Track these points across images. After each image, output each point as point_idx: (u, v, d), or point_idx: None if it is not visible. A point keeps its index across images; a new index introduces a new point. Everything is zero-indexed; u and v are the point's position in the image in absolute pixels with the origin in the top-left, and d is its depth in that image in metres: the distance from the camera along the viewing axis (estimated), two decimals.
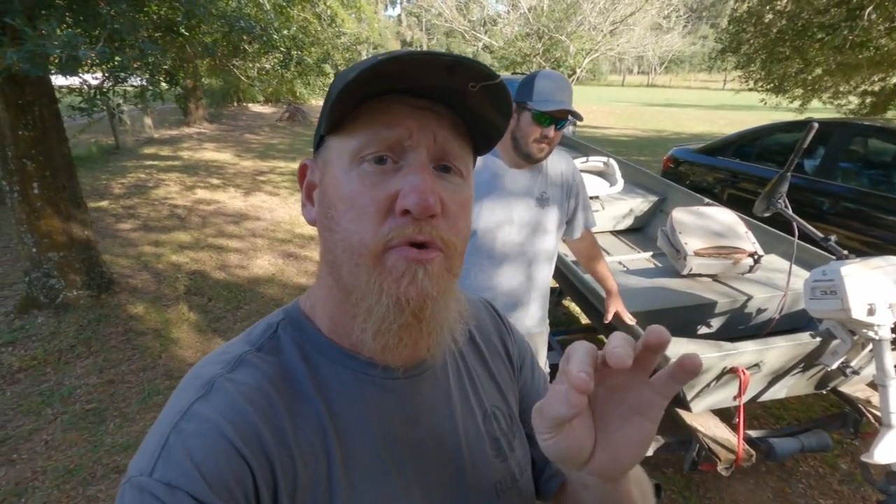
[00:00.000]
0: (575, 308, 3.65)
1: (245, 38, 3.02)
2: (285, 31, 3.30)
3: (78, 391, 2.69)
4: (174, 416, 0.40)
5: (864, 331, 1.65)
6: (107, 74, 2.38)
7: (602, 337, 3.12)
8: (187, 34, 3.07)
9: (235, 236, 5.11)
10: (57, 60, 1.81)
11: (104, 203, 6.05)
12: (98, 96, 2.51)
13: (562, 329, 2.97)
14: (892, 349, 1.75)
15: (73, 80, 2.69)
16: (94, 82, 2.80)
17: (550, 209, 1.52)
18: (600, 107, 21.08)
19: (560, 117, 1.41)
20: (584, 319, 3.49)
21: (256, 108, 18.01)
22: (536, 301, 1.60)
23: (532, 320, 1.61)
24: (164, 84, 2.99)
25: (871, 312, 1.57)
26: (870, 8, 5.11)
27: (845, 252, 1.79)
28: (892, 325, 1.64)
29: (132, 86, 2.92)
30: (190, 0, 2.37)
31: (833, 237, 1.98)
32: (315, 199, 0.46)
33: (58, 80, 3.06)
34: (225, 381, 0.42)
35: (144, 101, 3.22)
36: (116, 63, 2.19)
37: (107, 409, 2.57)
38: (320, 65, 3.90)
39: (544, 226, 1.52)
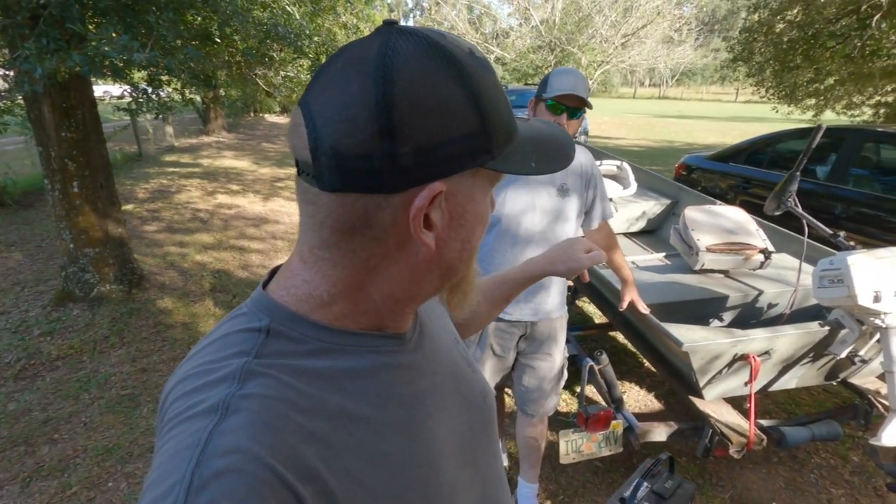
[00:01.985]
0: (589, 308, 3.72)
1: (276, 45, 3.20)
2: (316, 38, 3.48)
3: (113, 378, 2.82)
4: (189, 450, 0.34)
5: (872, 319, 1.72)
6: (150, 78, 2.54)
7: (617, 333, 3.19)
8: (220, 42, 3.24)
9: (256, 238, 5.27)
10: (112, 64, 1.97)
11: (130, 206, 6.25)
12: (143, 99, 2.69)
13: (577, 326, 3.04)
14: None
15: (113, 88, 2.87)
16: (133, 89, 2.99)
17: (571, 198, 1.62)
18: (612, 118, 21.17)
19: (572, 105, 1.51)
20: (598, 319, 3.56)
21: (272, 118, 18.42)
22: (557, 285, 1.70)
23: (552, 304, 1.71)
24: (202, 89, 3.16)
25: (877, 300, 1.64)
26: (877, 16, 5.20)
27: (852, 244, 1.87)
28: None
29: (175, 89, 3.09)
30: (226, 11, 2.55)
31: (842, 233, 2.05)
32: (442, 224, 0.42)
33: (98, 89, 3.26)
34: (240, 399, 0.37)
35: (175, 107, 3.39)
36: (161, 67, 2.35)
37: (140, 395, 2.69)
38: None
39: (565, 214, 1.62)
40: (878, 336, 1.78)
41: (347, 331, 0.44)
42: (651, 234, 3.70)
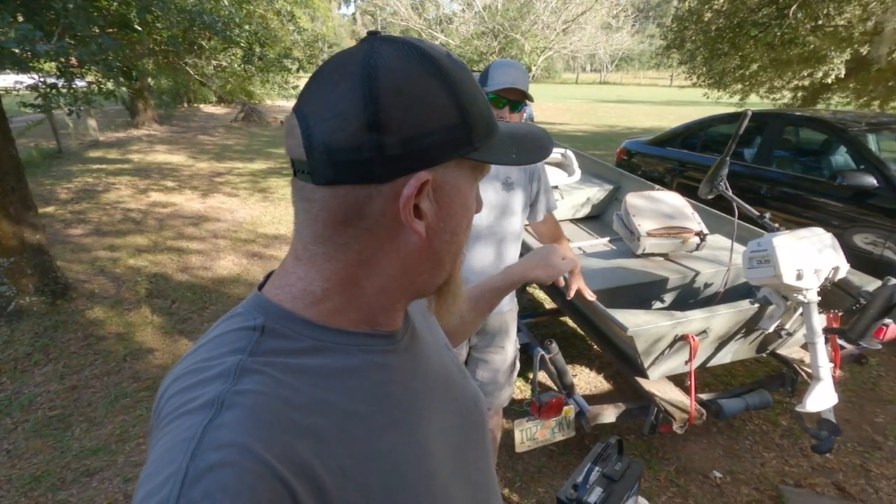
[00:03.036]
0: (539, 294, 3.80)
1: (205, 33, 2.99)
2: (247, 27, 3.28)
3: (39, 399, 2.60)
4: (184, 443, 0.34)
5: (795, 295, 1.85)
6: (60, 71, 2.31)
7: (568, 318, 3.27)
8: (140, 30, 3.00)
9: (196, 238, 5.00)
10: (11, 54, 1.76)
11: (50, 209, 5.76)
12: (53, 94, 2.44)
13: (528, 313, 3.09)
14: (820, 312, 1.97)
15: (13, 80, 2.59)
16: (41, 80, 2.71)
17: (516, 192, 1.63)
18: (556, 104, 21.60)
19: (513, 98, 1.52)
20: (549, 305, 3.64)
21: (209, 108, 17.45)
22: None
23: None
24: (122, 82, 2.91)
25: (799, 277, 1.76)
26: (794, 7, 5.59)
27: (776, 225, 1.99)
28: (818, 289, 1.84)
29: (89, 82, 2.83)
30: None
31: (767, 214, 2.19)
32: (431, 214, 0.44)
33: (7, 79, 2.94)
34: (234, 394, 0.37)
35: (93, 101, 3.12)
36: (71, 58, 2.14)
37: (72, 415, 2.50)
38: (281, 60, 3.88)
39: (511, 208, 1.63)
40: (801, 310, 1.92)
41: (340, 329, 0.45)
42: (596, 219, 3.81)
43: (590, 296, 1.99)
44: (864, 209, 3.30)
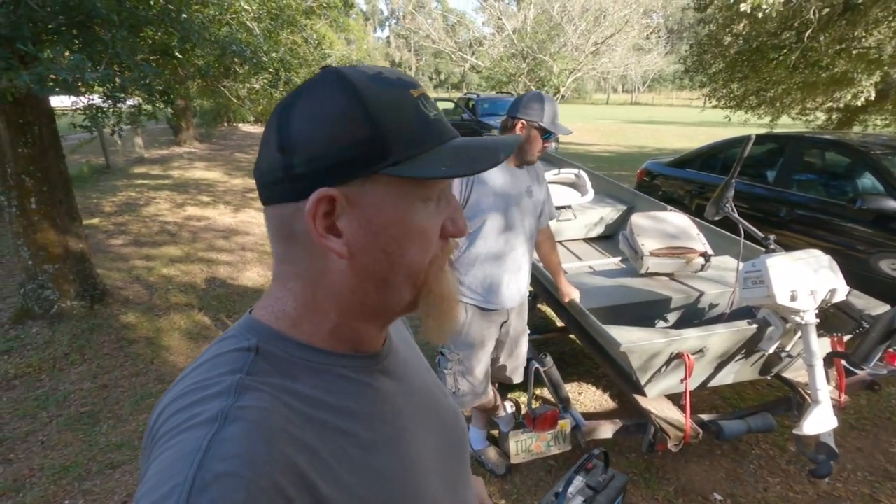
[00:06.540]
0: (550, 313, 3.83)
1: (236, 60, 3.24)
2: (274, 54, 3.54)
3: (72, 395, 2.80)
4: (191, 455, 0.35)
5: (793, 316, 1.85)
6: (107, 95, 2.56)
7: (573, 336, 3.29)
8: (181, 57, 3.27)
9: (225, 250, 5.25)
10: (64, 82, 1.99)
11: (95, 220, 6.16)
12: (100, 115, 2.70)
13: (537, 330, 3.13)
14: (822, 335, 1.95)
15: (70, 100, 2.88)
16: (90, 102, 2.99)
17: (535, 197, 1.96)
18: (584, 124, 21.61)
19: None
20: (559, 323, 3.66)
21: (247, 127, 18.26)
22: (526, 269, 2.00)
23: (523, 283, 2.00)
24: (160, 103, 3.17)
25: (793, 298, 1.77)
26: (808, 33, 5.52)
27: (772, 246, 2.00)
28: (816, 311, 1.84)
29: (131, 107, 3.11)
30: (185, 27, 2.58)
31: (772, 237, 2.19)
32: (351, 232, 0.44)
33: (55, 101, 3.25)
34: (237, 409, 0.39)
35: (137, 121, 3.41)
36: (117, 84, 2.37)
37: (100, 412, 2.68)
38: None
39: (532, 210, 1.95)
40: (800, 332, 1.91)
41: (325, 350, 0.47)
42: (609, 238, 3.83)
43: (577, 296, 2.12)
44: (886, 233, 3.22)
